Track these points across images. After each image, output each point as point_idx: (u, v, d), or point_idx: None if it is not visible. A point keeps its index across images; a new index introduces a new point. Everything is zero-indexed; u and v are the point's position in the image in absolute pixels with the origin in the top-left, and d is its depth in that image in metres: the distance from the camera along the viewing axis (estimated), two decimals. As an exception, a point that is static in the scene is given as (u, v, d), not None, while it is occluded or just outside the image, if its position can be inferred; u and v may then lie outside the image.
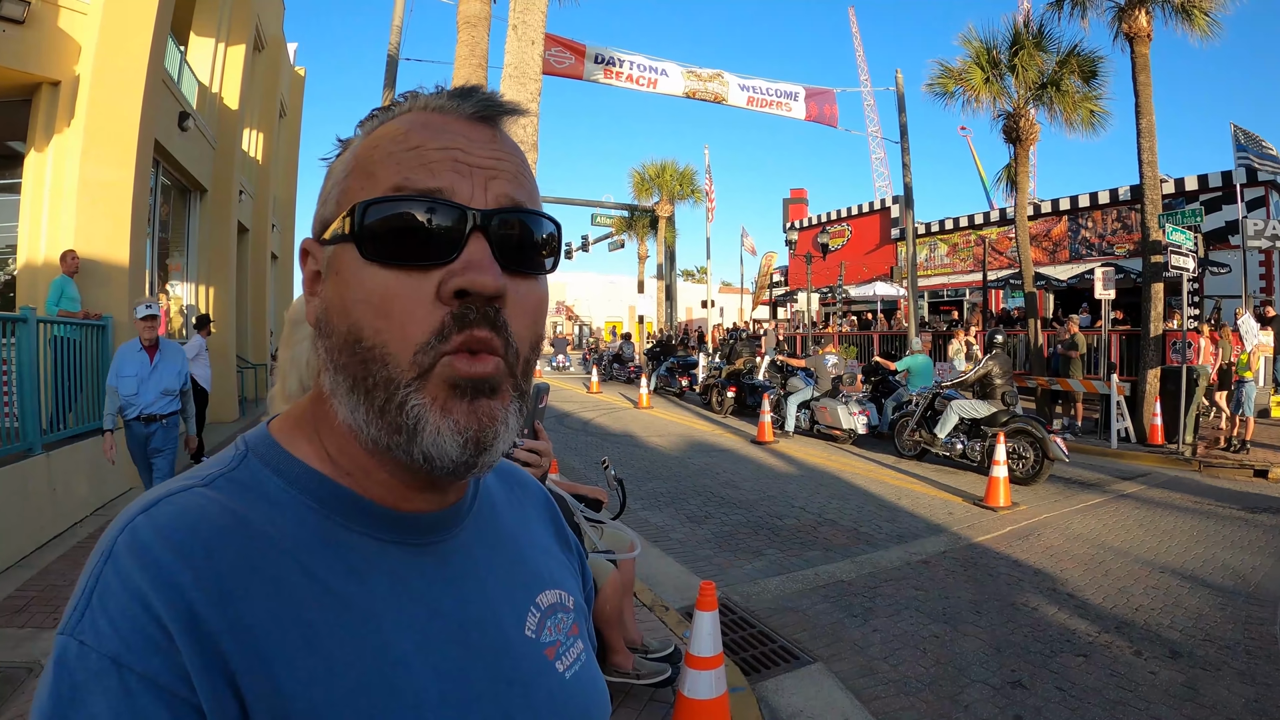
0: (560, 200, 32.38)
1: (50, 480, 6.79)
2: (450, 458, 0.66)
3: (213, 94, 14.96)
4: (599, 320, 62.43)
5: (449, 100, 0.72)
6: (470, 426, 0.66)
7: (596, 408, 19.49)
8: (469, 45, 9.14)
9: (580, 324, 60.76)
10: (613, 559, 4.16)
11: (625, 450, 12.95)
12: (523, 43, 8.04)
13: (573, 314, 63.34)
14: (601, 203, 35.16)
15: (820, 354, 14.83)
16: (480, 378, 0.66)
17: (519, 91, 7.94)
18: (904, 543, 7.40)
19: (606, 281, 66.10)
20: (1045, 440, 9.68)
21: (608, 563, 4.06)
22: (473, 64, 9.14)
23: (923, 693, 4.40)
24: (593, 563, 3.94)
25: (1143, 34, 13.54)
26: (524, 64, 8.03)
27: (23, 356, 6.64)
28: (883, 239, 33.04)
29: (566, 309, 63.74)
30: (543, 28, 8.24)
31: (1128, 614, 5.55)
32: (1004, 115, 16.71)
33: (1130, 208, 23.12)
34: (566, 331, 58.07)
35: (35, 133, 9.12)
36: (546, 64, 16.49)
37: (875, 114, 44.96)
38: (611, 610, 3.98)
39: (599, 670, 0.88)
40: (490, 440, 0.67)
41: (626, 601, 4.35)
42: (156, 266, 12.90)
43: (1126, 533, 7.71)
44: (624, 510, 4.92)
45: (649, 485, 10.03)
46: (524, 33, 8.05)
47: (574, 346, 50.51)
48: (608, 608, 3.95)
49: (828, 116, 20.95)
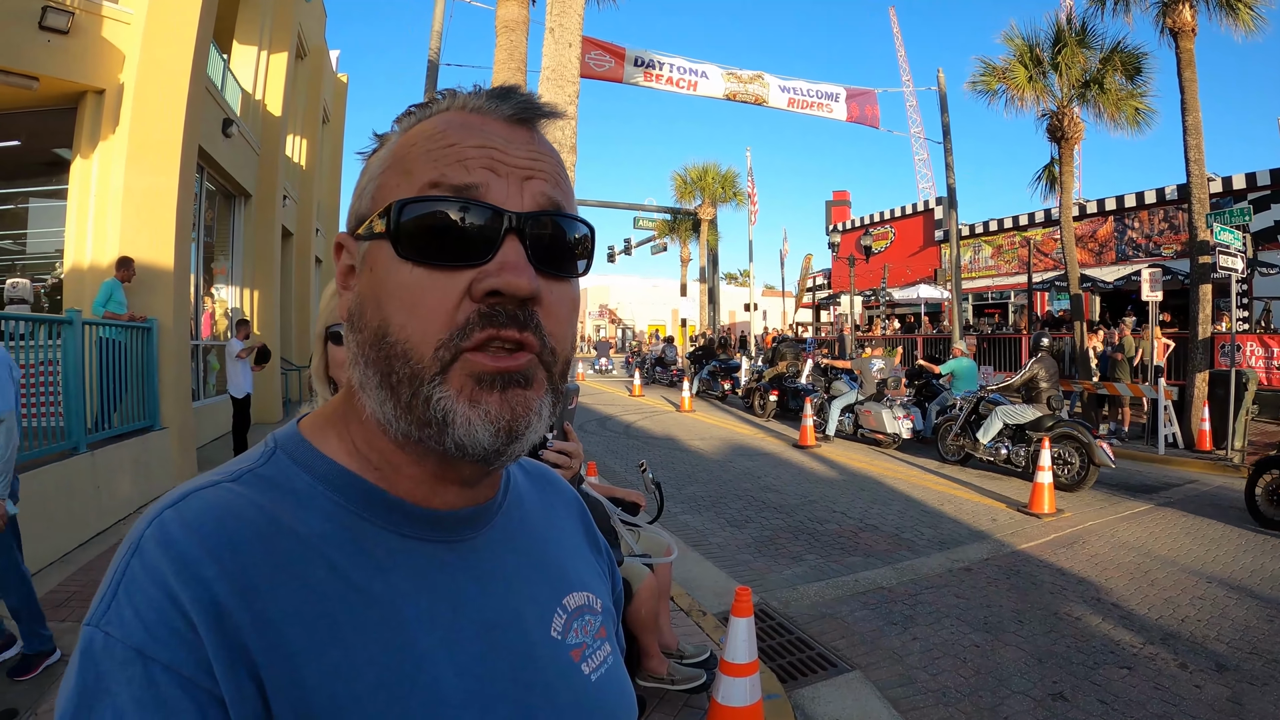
0: (602, 203, 32.51)
1: (94, 479, 6.90)
2: (482, 445, 0.66)
3: (256, 101, 15.20)
4: (642, 323, 62.43)
5: (487, 101, 0.73)
6: (504, 415, 0.66)
7: (638, 411, 19.50)
8: (507, 49, 9.18)
9: (623, 327, 60.77)
10: (649, 563, 4.14)
11: (666, 454, 12.93)
12: (560, 45, 8.05)
13: (615, 317, 63.51)
14: (644, 206, 35.24)
15: (865, 357, 14.68)
16: (511, 371, 0.66)
17: (557, 94, 7.94)
18: (946, 549, 7.29)
19: (649, 285, 66.25)
20: (1091, 445, 9.49)
21: (644, 567, 4.04)
22: (511, 68, 9.17)
23: (961, 703, 4.31)
24: (628, 567, 3.92)
25: (1187, 29, 13.26)
26: (561, 67, 8.03)
27: (68, 357, 6.77)
28: (926, 241, 32.75)
29: (609, 312, 63.95)
30: (580, 30, 8.24)
31: (1173, 625, 5.41)
32: (1048, 114, 16.47)
33: (1177, 207, 22.70)
34: (609, 335, 58.19)
35: (81, 140, 9.30)
36: (586, 67, 16.59)
37: (918, 114, 44.82)
38: (647, 614, 3.95)
39: (626, 674, 0.87)
40: (523, 429, 0.68)
41: (662, 606, 4.32)
42: (202, 270, 13.11)
43: (1173, 541, 7.53)
44: (661, 514, 4.89)
45: (689, 489, 10.00)
46: (561, 35, 8.06)
47: (616, 350, 50.56)
48: (643, 612, 3.92)
49: (869, 117, 20.79)
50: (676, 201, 35.01)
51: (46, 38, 8.50)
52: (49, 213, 10.53)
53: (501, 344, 0.66)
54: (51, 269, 10.39)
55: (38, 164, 10.80)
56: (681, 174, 34.51)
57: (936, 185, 45.52)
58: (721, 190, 33.85)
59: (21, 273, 10.37)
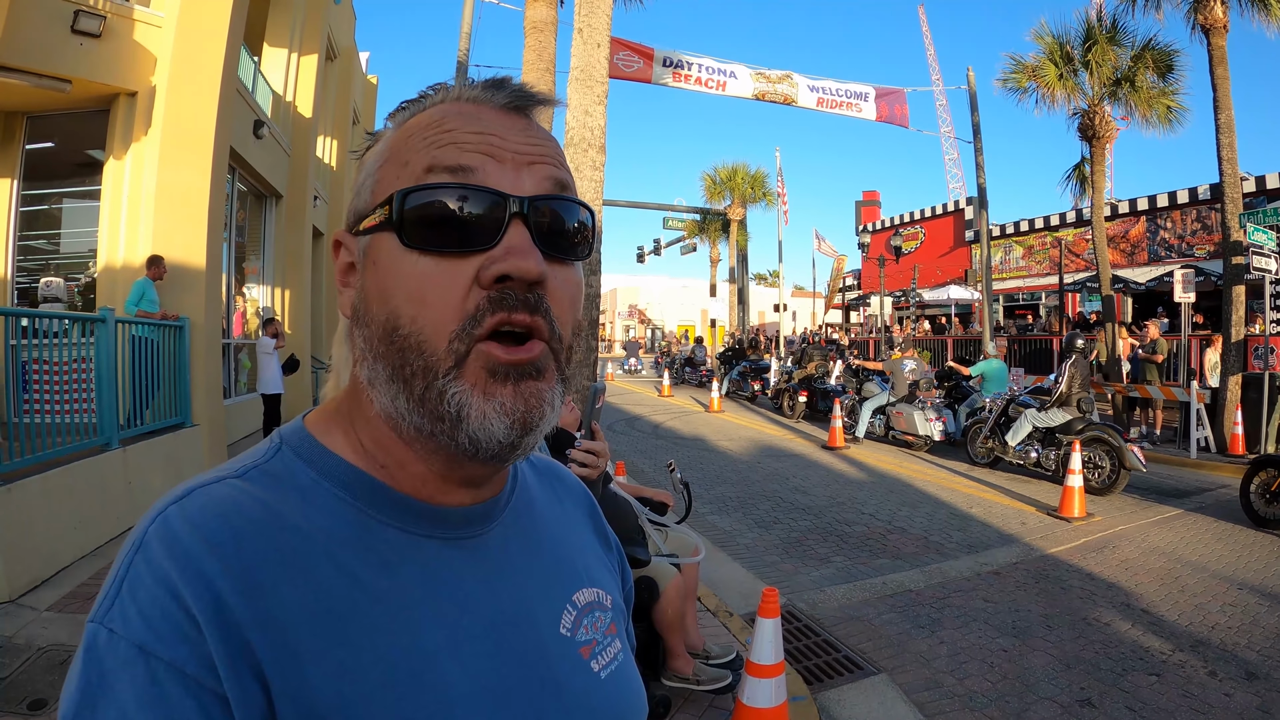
0: (632, 204, 32.61)
1: (126, 475, 6.98)
2: (497, 440, 0.66)
3: (286, 102, 15.32)
4: (671, 324, 62.23)
5: (482, 91, 0.73)
6: (518, 408, 0.66)
7: (667, 411, 19.50)
8: (536, 50, 9.22)
9: (652, 327, 60.65)
10: (676, 563, 4.14)
11: (695, 454, 12.92)
12: (588, 45, 8.06)
13: (645, 317, 63.36)
14: (673, 206, 35.28)
15: (898, 358, 14.57)
16: (523, 363, 0.66)
17: (585, 94, 7.95)
18: (974, 553, 7.24)
19: (679, 285, 66.10)
20: (1122, 449, 9.38)
21: (671, 566, 4.04)
22: (540, 68, 9.21)
23: (988, 709, 4.28)
24: (655, 566, 3.92)
25: (1218, 25, 13.03)
26: (590, 66, 8.04)
27: (101, 355, 6.84)
28: (956, 241, 32.52)
29: (639, 312, 63.82)
30: (608, 30, 8.25)
31: (1203, 632, 5.32)
32: (1079, 112, 16.31)
33: (1210, 207, 22.38)
34: (639, 335, 58.07)
35: (114, 141, 9.43)
36: (616, 68, 16.59)
37: (948, 114, 44.48)
38: (673, 614, 3.95)
39: (636, 671, 0.87)
40: (536, 421, 0.67)
41: (689, 606, 4.32)
42: (234, 270, 13.24)
43: (1205, 547, 7.42)
44: (689, 514, 4.89)
45: (718, 489, 9.99)
46: (589, 35, 8.07)
47: (646, 350, 50.49)
48: (669, 612, 3.92)
49: (899, 117, 20.67)
50: (706, 202, 34.97)
51: (79, 41, 8.62)
52: (82, 213, 10.69)
53: (512, 329, 0.65)
54: (85, 268, 10.54)
55: (71, 165, 10.96)
56: (711, 174, 34.47)
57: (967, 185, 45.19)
58: (751, 190, 33.77)
59: (55, 272, 10.52)
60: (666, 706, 4.00)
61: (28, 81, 8.50)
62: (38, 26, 8.33)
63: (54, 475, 5.90)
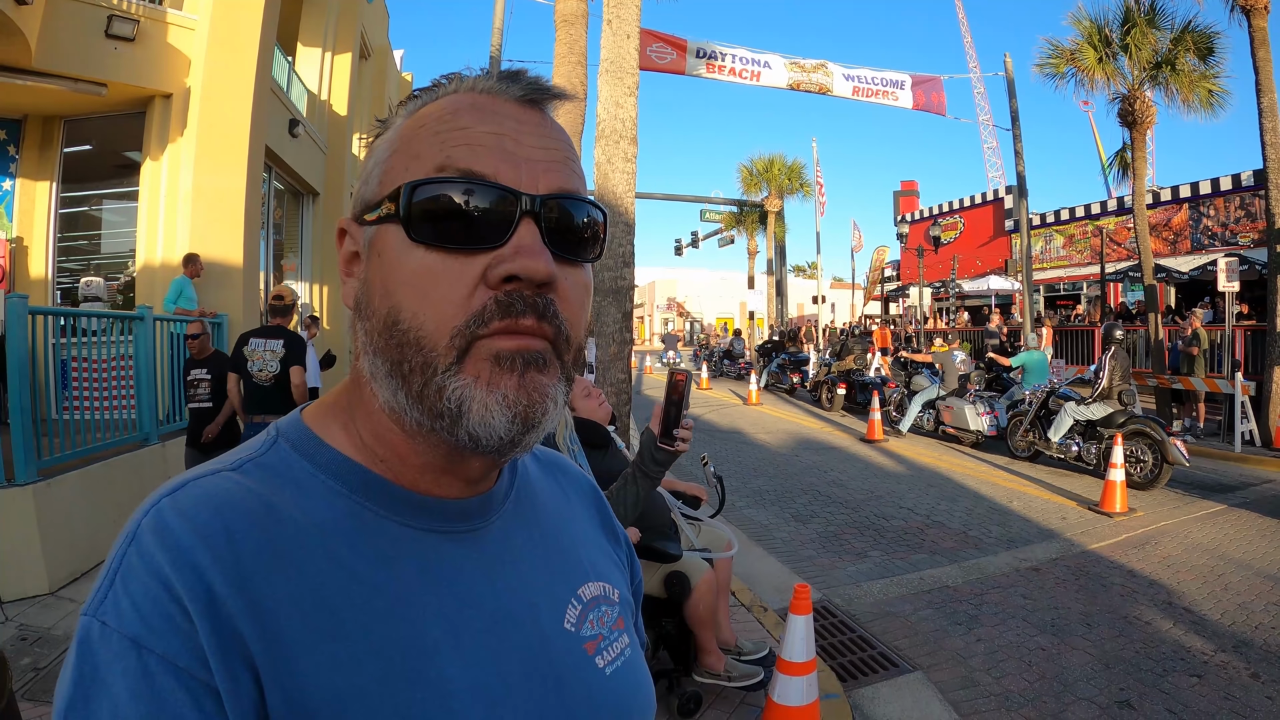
0: (669, 196, 32.51)
1: (165, 469, 7.11)
2: (498, 435, 0.65)
3: (321, 101, 15.49)
4: (709, 316, 62.31)
5: (497, 82, 0.71)
6: (520, 401, 0.65)
7: (706, 404, 19.49)
8: (567, 43, 9.20)
9: (691, 320, 60.63)
10: (709, 557, 4.12)
11: (733, 447, 12.91)
12: (618, 37, 8.04)
13: (684, 310, 63.46)
14: (710, 198, 35.08)
15: (948, 350, 14.36)
16: (529, 350, 0.65)
17: (616, 86, 7.93)
18: (1014, 548, 7.14)
19: (717, 278, 66.19)
20: (1165, 443, 9.20)
21: (703, 561, 4.02)
22: (571, 61, 9.19)
23: (1025, 709, 4.21)
24: (687, 561, 3.91)
25: (1259, 6, 12.71)
26: (620, 58, 8.01)
27: (140, 352, 6.98)
28: (996, 231, 32.05)
29: (678, 305, 63.95)
30: (637, 21, 8.23)
31: (1247, 632, 5.19)
32: (1119, 97, 16.00)
33: (1254, 193, 21.85)
34: (677, 328, 58.09)
35: (150, 143, 9.60)
36: (649, 60, 16.55)
37: (985, 101, 43.84)
38: (705, 610, 3.93)
39: (645, 667, 0.85)
40: (539, 417, 0.66)
41: (721, 601, 4.30)
42: (272, 267, 13.39)
43: (1249, 544, 7.24)
44: (723, 508, 4.87)
45: (755, 482, 9.96)
46: (619, 27, 8.05)
47: (684, 342, 50.46)
48: (701, 607, 3.90)
49: (936, 105, 20.40)
50: (743, 193, 34.74)
51: (114, 45, 8.80)
52: (121, 214, 10.89)
53: (520, 331, 0.64)
54: (124, 268, 10.72)
55: (109, 167, 11.17)
56: (747, 165, 34.21)
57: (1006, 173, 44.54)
58: (788, 181, 33.48)
59: (95, 272, 10.71)
60: (697, 703, 3.98)
61: (64, 86, 8.68)
62: (73, 32, 8.51)
63: (94, 470, 6.03)
